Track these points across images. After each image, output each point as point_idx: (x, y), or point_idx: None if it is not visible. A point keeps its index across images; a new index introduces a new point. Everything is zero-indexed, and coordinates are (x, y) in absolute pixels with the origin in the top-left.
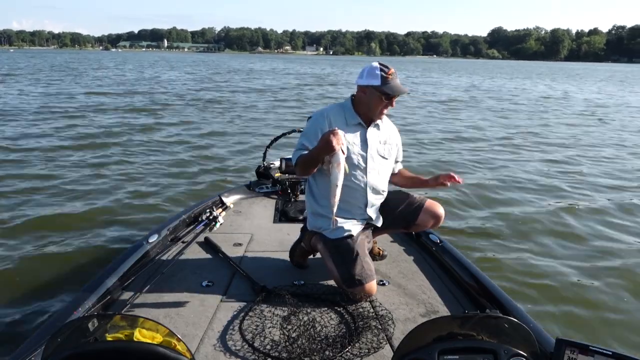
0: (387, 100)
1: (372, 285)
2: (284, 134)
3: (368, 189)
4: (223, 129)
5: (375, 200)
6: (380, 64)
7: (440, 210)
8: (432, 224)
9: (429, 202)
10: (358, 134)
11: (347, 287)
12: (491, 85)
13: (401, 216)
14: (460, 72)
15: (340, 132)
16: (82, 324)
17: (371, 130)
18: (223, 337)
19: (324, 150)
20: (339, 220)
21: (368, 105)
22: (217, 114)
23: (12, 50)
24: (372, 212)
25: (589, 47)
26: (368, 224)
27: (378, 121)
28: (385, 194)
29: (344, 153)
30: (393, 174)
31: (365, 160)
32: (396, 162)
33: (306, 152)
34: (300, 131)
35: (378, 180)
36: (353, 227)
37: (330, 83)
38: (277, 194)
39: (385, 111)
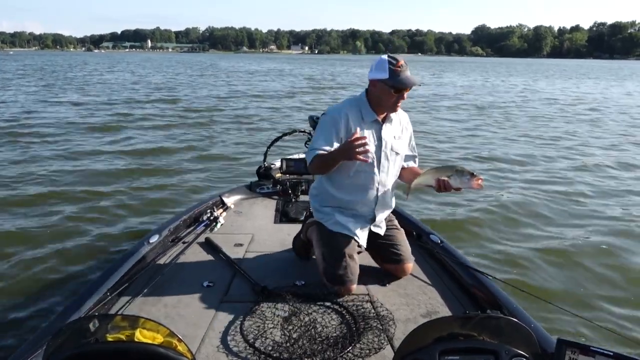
0: (396, 93)
1: (352, 288)
2: (284, 134)
3: (379, 186)
4: (223, 130)
5: (385, 198)
6: (389, 56)
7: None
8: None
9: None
10: (373, 131)
11: (327, 281)
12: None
13: (384, 254)
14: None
15: (368, 143)
16: (83, 325)
17: (386, 127)
18: (224, 337)
19: (345, 157)
20: (344, 217)
21: (379, 99)
22: (217, 114)
23: (11, 52)
24: (379, 210)
25: (571, 43)
26: (370, 233)
27: (392, 114)
28: (393, 193)
29: (366, 161)
30: (403, 168)
31: (379, 158)
32: (412, 156)
33: (321, 152)
34: (302, 132)
35: (389, 177)
36: (355, 229)
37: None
38: (278, 194)
39: (398, 105)
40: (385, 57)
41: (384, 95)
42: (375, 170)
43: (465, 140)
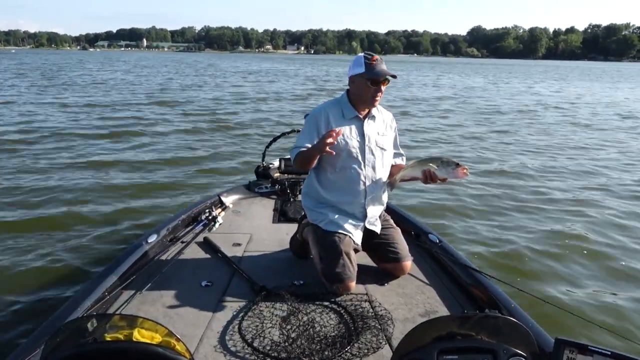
0: (373, 85)
1: (351, 285)
2: (283, 134)
3: (366, 180)
4: (222, 129)
5: (374, 193)
6: (365, 52)
7: (402, 274)
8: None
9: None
10: (355, 127)
11: (326, 281)
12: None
13: (381, 253)
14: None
15: (338, 134)
16: (81, 324)
17: (368, 123)
18: (222, 337)
19: (318, 151)
20: (337, 216)
21: (359, 94)
22: (216, 114)
23: (13, 51)
24: (369, 206)
25: (566, 45)
26: (365, 230)
27: (374, 112)
28: (385, 188)
29: (331, 154)
30: (391, 166)
31: (363, 153)
32: (398, 154)
33: (304, 149)
34: (299, 131)
35: (376, 172)
36: (349, 227)
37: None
38: (277, 194)
39: (377, 98)
40: (361, 54)
41: (363, 89)
42: (361, 164)
43: (459, 141)
